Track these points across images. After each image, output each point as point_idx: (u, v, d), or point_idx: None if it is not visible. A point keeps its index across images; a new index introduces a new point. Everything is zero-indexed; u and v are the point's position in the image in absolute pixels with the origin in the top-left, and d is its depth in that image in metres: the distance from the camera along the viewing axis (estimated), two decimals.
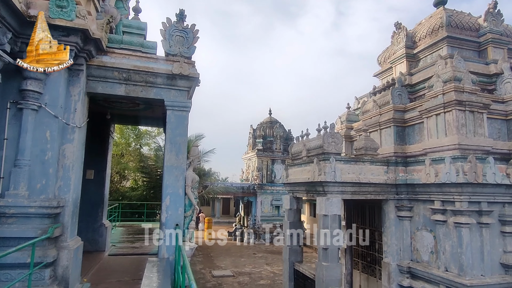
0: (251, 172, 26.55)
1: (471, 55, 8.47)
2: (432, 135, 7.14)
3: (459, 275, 6.33)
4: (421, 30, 9.21)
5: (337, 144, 7.42)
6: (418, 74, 8.65)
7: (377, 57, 10.96)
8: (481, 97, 6.94)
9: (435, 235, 6.97)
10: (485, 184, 6.28)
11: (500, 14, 8.62)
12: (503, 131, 7.27)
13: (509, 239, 6.58)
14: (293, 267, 9.05)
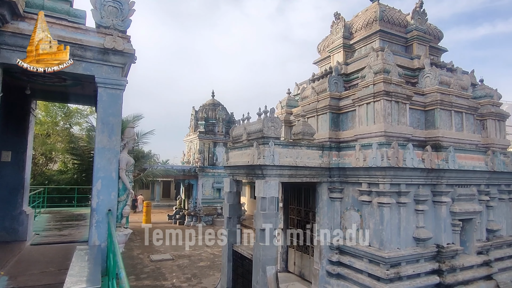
0: (192, 155, 26.14)
1: (399, 50, 9.21)
2: (363, 122, 7.70)
3: (380, 249, 7.06)
4: (357, 22, 9.72)
5: (276, 128, 7.61)
6: (353, 64, 9.17)
7: (317, 45, 11.34)
8: (406, 89, 7.63)
9: (362, 214, 7.63)
10: (405, 168, 7.00)
11: (425, 14, 9.45)
12: (422, 120, 8.13)
13: (421, 216, 7.48)
14: (232, 248, 9.24)
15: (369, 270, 7.06)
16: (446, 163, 7.46)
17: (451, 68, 9.00)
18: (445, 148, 7.58)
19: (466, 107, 8.28)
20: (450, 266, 7.51)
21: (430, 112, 8.00)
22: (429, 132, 7.96)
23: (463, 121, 8.27)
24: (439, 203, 7.71)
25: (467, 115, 8.35)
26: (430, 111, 8.00)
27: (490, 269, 8.25)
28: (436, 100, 7.81)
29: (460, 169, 7.74)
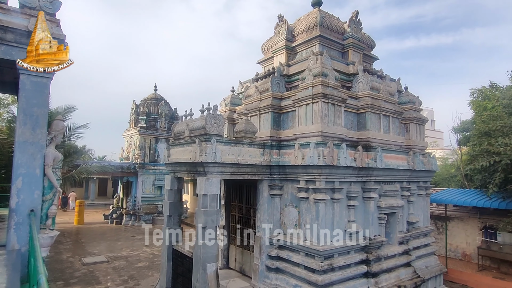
0: (132, 151, 24.90)
1: (337, 55, 9.79)
2: (302, 122, 8.05)
3: (315, 243, 7.46)
4: (299, 26, 10.10)
5: (219, 126, 7.60)
6: (295, 66, 9.52)
7: (262, 45, 11.55)
8: (341, 92, 8.14)
9: (299, 210, 7.98)
10: (339, 167, 7.49)
11: (360, 23, 10.17)
12: (355, 122, 8.75)
13: (352, 211, 8.07)
14: (172, 247, 9.03)
15: (305, 263, 7.43)
16: (375, 162, 8.14)
17: (381, 75, 9.83)
18: (374, 149, 8.27)
19: (393, 111, 9.11)
20: (376, 256, 8.21)
21: (362, 115, 8.65)
22: (361, 133, 8.60)
23: (390, 124, 9.09)
24: (368, 198, 8.38)
25: (393, 118, 9.19)
26: (362, 114, 8.65)
27: (409, 257, 9.20)
28: (368, 104, 8.47)
29: (387, 167, 8.50)
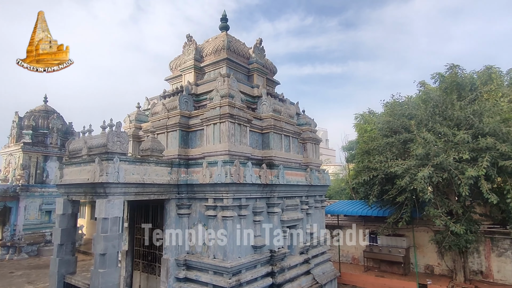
0: (12, 171, 21.30)
1: (243, 78, 10.38)
2: (210, 141, 8.22)
3: (223, 260, 7.57)
4: (208, 47, 10.43)
5: (122, 143, 7.21)
6: (203, 86, 9.73)
7: (170, 62, 11.47)
8: (247, 113, 8.64)
9: (208, 228, 8.02)
10: (245, 184, 7.85)
11: (263, 50, 11.03)
12: (259, 141, 9.34)
13: (258, 226, 8.48)
14: (63, 281, 8.00)
15: (214, 282, 7.45)
16: (278, 179, 8.78)
17: (282, 99, 10.77)
18: (277, 166, 8.93)
19: (293, 132, 10.04)
20: (280, 267, 8.74)
21: (266, 135, 9.30)
22: (265, 152, 9.21)
23: (290, 143, 9.97)
24: (272, 213, 8.94)
25: (293, 138, 10.12)
26: (266, 134, 9.30)
27: (309, 265, 10.03)
28: (271, 124, 9.17)
29: (288, 183, 9.25)
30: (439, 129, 10.79)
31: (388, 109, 14.16)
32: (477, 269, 13.70)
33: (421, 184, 10.19)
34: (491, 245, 13.49)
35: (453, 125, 10.97)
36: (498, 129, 10.03)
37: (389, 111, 13.82)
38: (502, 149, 9.70)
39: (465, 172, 9.88)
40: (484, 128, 10.11)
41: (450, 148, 10.44)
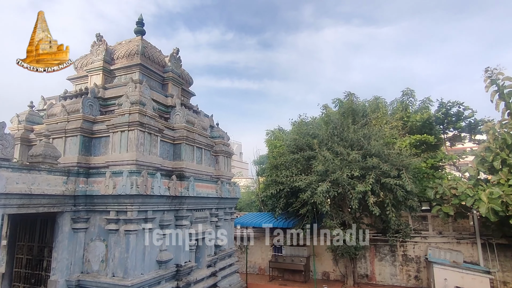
0: None
1: (157, 86, 10.06)
2: (116, 149, 7.69)
3: (124, 278, 7.04)
4: (120, 50, 9.85)
5: (6, 147, 6.23)
6: (112, 90, 9.11)
7: (75, 61, 10.44)
8: (158, 123, 8.38)
9: (108, 244, 7.39)
10: (152, 196, 7.52)
11: (180, 60, 10.93)
12: (170, 152, 9.11)
13: (165, 239, 8.17)
14: None
15: None
16: (187, 191, 8.65)
17: (196, 111, 10.77)
18: (187, 178, 8.82)
19: (205, 144, 10.07)
20: (186, 282, 8.53)
21: (178, 146, 9.13)
22: (176, 163, 9.01)
23: (203, 155, 9.98)
24: (180, 226, 8.72)
25: (205, 151, 10.15)
26: (178, 145, 9.13)
27: (215, 278, 10.01)
28: (183, 136, 9.05)
29: (198, 196, 9.19)
30: (337, 149, 12.14)
31: (295, 128, 15.37)
32: (363, 273, 15.54)
33: (320, 198, 11.24)
34: (375, 252, 15.49)
35: (348, 145, 12.48)
36: (382, 151, 11.78)
37: (296, 129, 15.02)
38: (384, 168, 11.39)
39: (355, 188, 11.27)
40: (371, 150, 11.76)
41: (344, 166, 11.81)
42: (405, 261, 14.99)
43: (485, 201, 10.36)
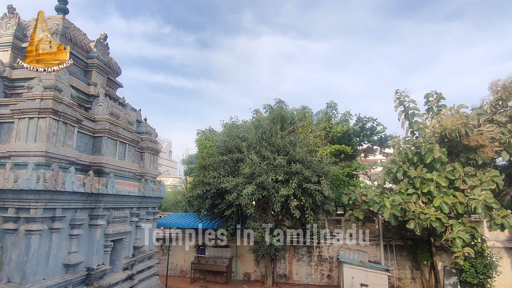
0: None
1: (78, 72, 9.18)
2: (21, 138, 6.78)
3: (21, 284, 6.22)
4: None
5: None
6: (21, 71, 7.99)
7: None
8: (77, 112, 7.62)
9: (3, 245, 6.46)
10: (63, 192, 6.80)
11: (108, 47, 10.15)
12: (89, 145, 8.37)
13: (75, 240, 7.44)
14: None
15: None
16: (106, 188, 8.03)
17: (123, 103, 10.10)
18: (107, 174, 8.19)
19: (130, 139, 9.50)
20: (98, 286, 7.88)
21: (98, 139, 8.44)
22: (94, 157, 8.30)
23: (126, 151, 9.38)
24: (95, 226, 8.04)
25: (130, 146, 9.56)
26: (98, 138, 8.44)
27: (132, 281, 9.45)
28: (105, 128, 8.39)
29: (118, 193, 8.59)
30: (264, 153, 12.54)
31: (226, 130, 15.46)
32: (282, 273, 16.25)
33: (246, 200, 11.46)
34: (293, 253, 16.34)
35: (275, 150, 12.98)
36: (305, 158, 12.52)
37: (227, 131, 15.10)
38: (306, 174, 12.12)
39: (279, 191, 11.77)
40: (296, 156, 12.42)
41: (270, 170, 12.25)
42: (320, 261, 16.12)
43: (388, 207, 11.72)
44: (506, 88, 11.74)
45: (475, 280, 12.63)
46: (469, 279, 12.73)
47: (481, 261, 12.61)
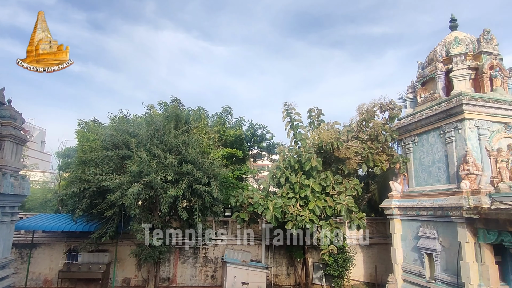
0: None
1: None
2: None
3: None
4: None
5: None
6: None
7: None
8: None
9: None
10: None
11: None
12: None
13: None
14: None
15: None
16: None
17: None
18: None
19: None
20: None
21: None
22: None
23: None
24: None
25: None
26: None
27: None
28: None
29: None
30: (155, 151, 12.02)
31: (114, 123, 14.24)
32: (166, 277, 15.78)
33: (130, 200, 10.76)
34: (179, 255, 16.06)
35: (167, 149, 12.59)
36: (197, 159, 12.50)
37: (115, 125, 13.92)
38: (197, 175, 12.11)
39: (167, 192, 11.44)
40: (188, 156, 12.30)
41: (160, 169, 11.81)
42: (205, 262, 16.26)
43: (271, 209, 12.66)
44: (368, 111, 14.11)
45: (336, 272, 14.70)
46: (332, 272, 14.74)
47: (342, 256, 14.76)
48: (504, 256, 10.39)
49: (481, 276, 10.16)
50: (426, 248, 12.02)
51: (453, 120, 11.62)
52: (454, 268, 10.80)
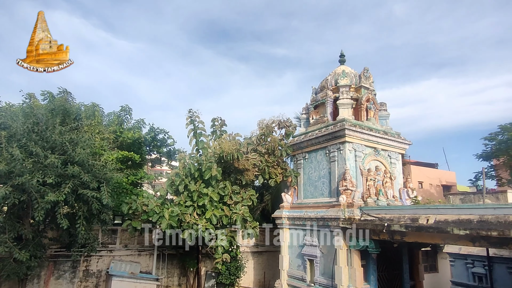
0: None
1: None
2: None
3: None
4: None
5: None
6: None
7: None
8: None
9: None
10: None
11: None
12: None
13: None
14: None
15: None
16: None
17: None
18: None
19: None
20: None
21: None
22: None
23: None
24: None
25: None
26: None
27: None
28: None
29: None
30: (33, 148, 10.30)
31: None
32: None
33: None
34: (53, 269, 13.97)
35: (48, 147, 10.93)
36: (86, 160, 11.22)
37: None
38: (85, 178, 10.84)
39: (45, 196, 9.92)
40: (75, 157, 10.92)
41: (37, 170, 10.18)
42: (86, 276, 14.55)
43: (167, 218, 12.22)
44: (268, 127, 15.07)
45: (227, 280, 14.97)
46: (224, 280, 14.95)
47: (234, 264, 15.14)
48: (367, 260, 12.30)
49: (350, 278, 11.78)
50: (309, 254, 13.32)
51: (337, 142, 13.34)
52: (330, 272, 12.24)
